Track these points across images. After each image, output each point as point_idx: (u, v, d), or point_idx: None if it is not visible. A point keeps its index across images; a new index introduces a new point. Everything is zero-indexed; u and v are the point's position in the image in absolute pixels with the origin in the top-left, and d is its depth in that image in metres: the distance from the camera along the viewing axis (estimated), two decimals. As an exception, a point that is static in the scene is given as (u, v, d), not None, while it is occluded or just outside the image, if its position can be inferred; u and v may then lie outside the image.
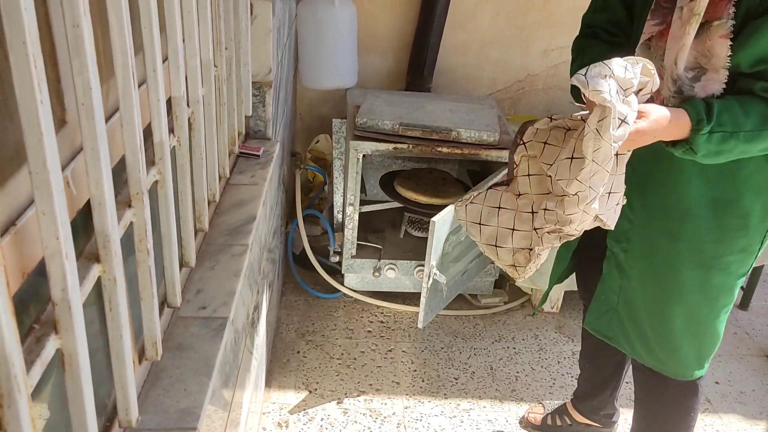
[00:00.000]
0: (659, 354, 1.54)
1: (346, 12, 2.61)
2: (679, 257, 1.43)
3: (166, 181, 0.98)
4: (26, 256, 0.66)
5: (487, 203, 1.41)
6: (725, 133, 1.20)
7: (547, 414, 2.06)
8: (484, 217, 1.41)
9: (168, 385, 1.03)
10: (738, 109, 1.20)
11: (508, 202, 1.38)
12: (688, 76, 1.26)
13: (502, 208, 1.38)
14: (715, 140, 1.21)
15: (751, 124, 1.19)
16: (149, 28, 0.87)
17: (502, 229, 1.38)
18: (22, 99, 0.54)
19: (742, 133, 1.20)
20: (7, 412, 0.54)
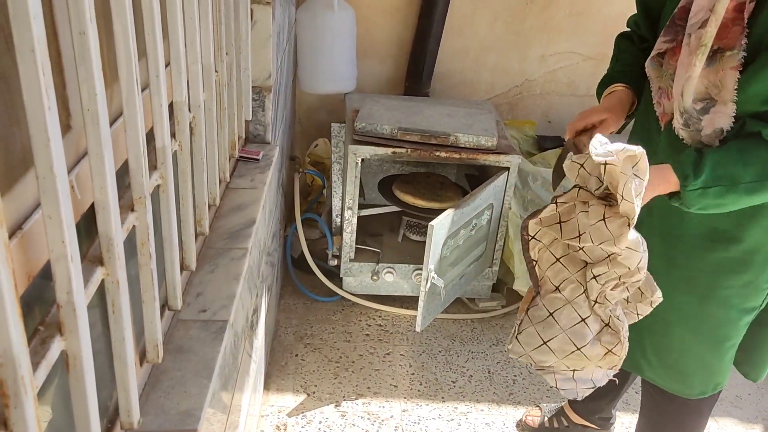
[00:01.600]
0: (659, 370, 1.54)
1: (345, 17, 2.62)
2: (672, 281, 1.40)
3: (168, 185, 0.99)
4: (32, 259, 0.67)
5: (535, 321, 1.27)
6: (722, 187, 1.13)
7: (545, 417, 2.07)
8: (544, 334, 1.25)
9: (168, 387, 1.04)
10: (737, 158, 1.12)
11: (552, 302, 1.25)
12: (696, 107, 1.20)
13: (554, 312, 1.25)
14: (712, 195, 1.15)
15: (751, 174, 1.11)
16: (152, 34, 0.88)
17: (571, 329, 1.23)
18: (30, 105, 0.55)
19: (741, 185, 1.13)
20: (13, 412, 0.55)
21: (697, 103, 1.20)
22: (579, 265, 1.24)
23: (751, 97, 1.12)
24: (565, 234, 1.20)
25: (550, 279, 1.26)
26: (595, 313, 1.23)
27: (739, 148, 1.14)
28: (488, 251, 2.42)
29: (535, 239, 1.26)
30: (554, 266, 1.25)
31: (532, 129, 2.94)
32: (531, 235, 1.27)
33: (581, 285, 1.23)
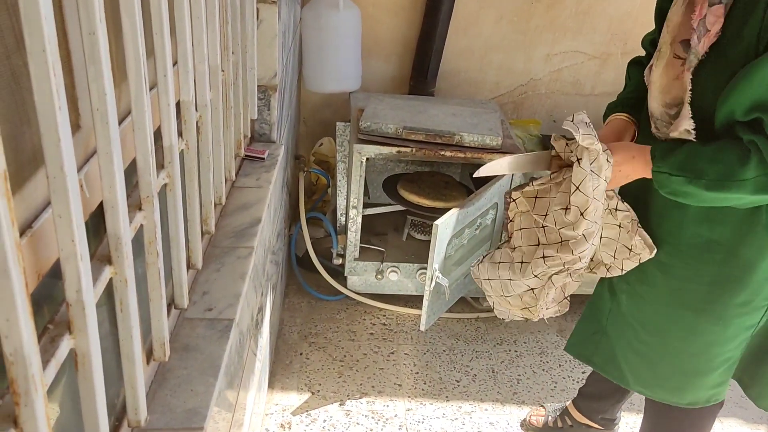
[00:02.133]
0: (648, 381, 1.53)
1: (350, 16, 2.62)
2: (668, 292, 1.39)
3: (175, 184, 0.99)
4: (41, 258, 0.67)
5: (491, 260, 1.54)
6: (685, 177, 1.18)
7: (549, 416, 2.07)
8: (490, 273, 1.54)
9: (175, 385, 1.04)
10: (710, 155, 1.16)
11: (504, 256, 1.52)
12: (669, 112, 1.27)
13: (501, 262, 1.52)
14: (675, 182, 1.20)
15: (714, 173, 1.15)
16: (160, 33, 0.89)
17: (503, 281, 1.51)
18: (41, 105, 0.56)
19: (703, 180, 1.16)
20: (24, 410, 0.55)
21: (671, 108, 1.26)
22: (533, 241, 1.46)
23: (735, 108, 1.13)
24: (536, 209, 1.41)
25: (513, 238, 1.50)
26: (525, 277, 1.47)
27: (717, 147, 1.17)
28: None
29: (514, 202, 1.46)
30: (518, 232, 1.48)
31: (537, 128, 2.94)
32: (512, 199, 1.46)
33: (527, 257, 1.47)
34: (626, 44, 3.02)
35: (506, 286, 1.51)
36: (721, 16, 1.15)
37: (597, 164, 1.26)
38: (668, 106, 1.27)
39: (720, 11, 1.15)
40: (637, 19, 2.97)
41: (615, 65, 3.06)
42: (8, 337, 0.52)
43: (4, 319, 0.51)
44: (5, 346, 0.52)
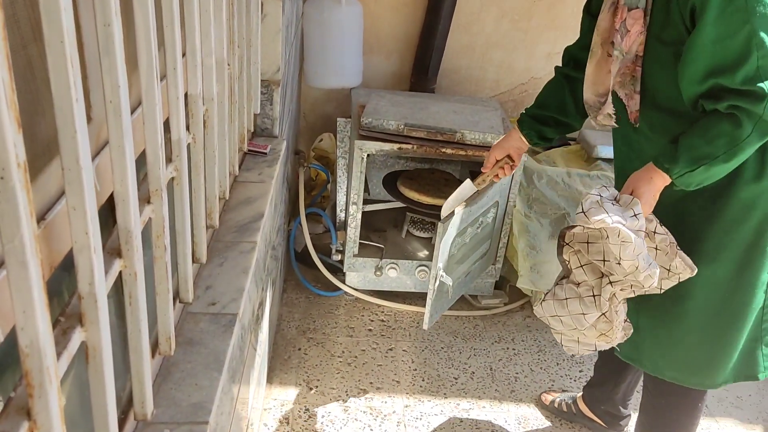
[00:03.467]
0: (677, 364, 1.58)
1: (352, 12, 2.62)
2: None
3: (182, 177, 0.99)
4: (53, 250, 0.67)
5: (555, 298, 1.58)
6: (704, 166, 1.30)
7: (558, 399, 2.12)
8: (558, 310, 1.58)
9: (179, 379, 1.04)
10: (702, 138, 1.29)
11: (569, 292, 1.56)
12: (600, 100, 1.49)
13: (568, 298, 1.56)
14: (698, 173, 1.32)
15: (722, 147, 1.27)
16: (171, 27, 0.88)
17: (575, 316, 1.55)
18: (57, 97, 0.55)
19: (719, 157, 1.28)
20: (37, 402, 0.55)
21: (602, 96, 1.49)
22: (598, 273, 1.50)
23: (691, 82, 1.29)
24: (591, 254, 1.46)
25: (575, 275, 1.53)
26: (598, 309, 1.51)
27: (705, 128, 1.29)
28: (492, 249, 2.43)
29: (568, 245, 1.51)
30: (578, 269, 1.52)
31: (536, 127, 2.94)
32: (566, 242, 1.50)
33: (593, 289, 1.51)
34: (627, 44, 3.02)
35: (579, 320, 1.55)
36: (639, 18, 1.34)
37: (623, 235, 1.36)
38: (600, 95, 1.48)
39: (638, 14, 1.34)
40: (638, 19, 2.97)
41: (615, 65, 3.06)
42: (24, 328, 0.52)
43: (20, 310, 0.51)
44: (21, 338, 0.52)
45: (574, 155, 2.69)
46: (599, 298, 1.51)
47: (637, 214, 1.40)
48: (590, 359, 2.39)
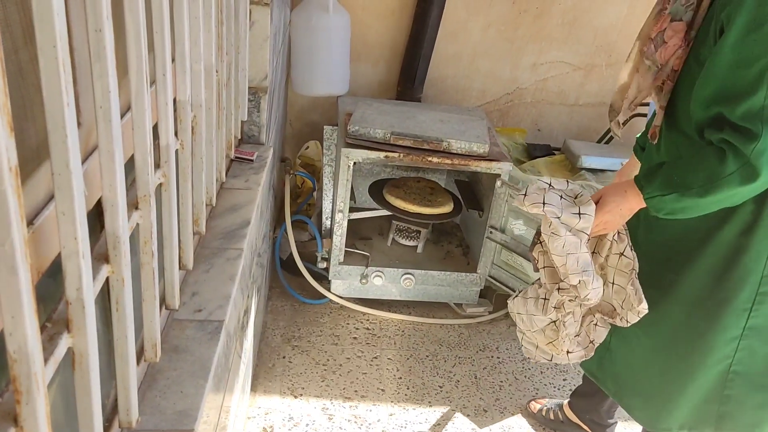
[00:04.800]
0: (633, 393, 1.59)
1: (339, 20, 2.63)
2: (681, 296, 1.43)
3: (170, 183, 0.99)
4: (41, 256, 0.66)
5: (523, 296, 1.63)
6: (677, 193, 1.24)
7: (545, 407, 2.12)
8: (520, 307, 1.62)
9: (165, 386, 1.03)
10: (689, 166, 1.24)
11: (532, 291, 1.59)
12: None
13: (530, 297, 1.59)
14: (669, 200, 1.26)
15: (700, 179, 1.20)
16: (161, 32, 0.88)
17: (529, 315, 1.59)
18: (49, 101, 0.55)
19: (693, 189, 1.22)
20: (24, 408, 0.55)
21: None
22: (555, 279, 1.51)
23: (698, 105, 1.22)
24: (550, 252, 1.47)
25: (540, 275, 1.56)
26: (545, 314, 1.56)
27: (693, 156, 1.24)
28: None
29: (540, 243, 1.51)
30: (542, 270, 1.55)
31: (522, 137, 2.97)
32: (539, 240, 1.50)
33: (546, 293, 1.55)
34: (611, 56, 3.06)
35: (532, 321, 1.58)
36: (680, 31, 1.25)
37: (553, 227, 1.38)
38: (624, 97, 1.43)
39: (680, 27, 1.24)
40: (621, 32, 3.02)
41: (599, 77, 3.10)
42: (12, 334, 0.52)
43: (9, 316, 0.51)
44: (9, 343, 0.52)
45: (559, 165, 2.71)
46: (547, 302, 1.53)
47: (582, 213, 1.37)
48: (574, 368, 2.41)
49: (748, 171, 1.15)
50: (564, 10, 2.94)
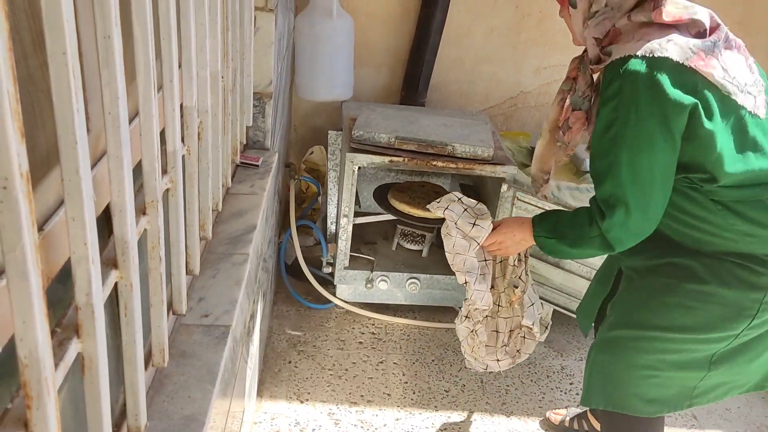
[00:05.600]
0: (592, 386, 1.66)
1: (343, 26, 2.63)
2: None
3: (177, 189, 0.99)
4: (51, 261, 0.67)
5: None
6: (555, 240, 1.49)
7: (567, 417, 2.10)
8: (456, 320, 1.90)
9: (172, 391, 1.03)
10: (570, 220, 1.46)
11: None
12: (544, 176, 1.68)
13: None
14: (550, 244, 1.50)
15: (573, 235, 1.45)
16: (168, 39, 0.89)
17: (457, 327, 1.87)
18: (59, 107, 0.56)
19: (567, 240, 1.46)
20: (35, 413, 0.55)
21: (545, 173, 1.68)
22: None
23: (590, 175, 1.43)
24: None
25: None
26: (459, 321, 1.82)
27: (575, 212, 1.47)
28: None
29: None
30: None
31: (526, 140, 2.97)
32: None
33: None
34: (615, 59, 3.06)
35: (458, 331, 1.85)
36: (581, 118, 1.48)
37: (446, 229, 1.70)
38: (543, 172, 1.65)
39: (580, 115, 1.48)
40: (625, 35, 3.01)
41: (603, 80, 3.10)
42: (23, 339, 0.52)
43: (20, 321, 0.51)
44: (20, 348, 0.52)
45: (564, 168, 2.71)
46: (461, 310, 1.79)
47: (476, 224, 1.64)
48: (581, 372, 2.40)
49: (603, 241, 1.39)
50: (567, 14, 2.94)
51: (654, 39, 1.28)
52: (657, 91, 1.26)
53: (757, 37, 3.10)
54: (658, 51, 1.27)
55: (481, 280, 1.71)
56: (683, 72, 1.26)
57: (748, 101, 1.30)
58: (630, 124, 1.29)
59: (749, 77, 1.32)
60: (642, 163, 1.31)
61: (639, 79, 1.27)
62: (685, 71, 1.26)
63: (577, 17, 1.41)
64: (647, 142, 1.29)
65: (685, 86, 1.26)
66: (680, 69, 1.26)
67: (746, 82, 1.31)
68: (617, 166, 1.32)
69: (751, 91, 1.31)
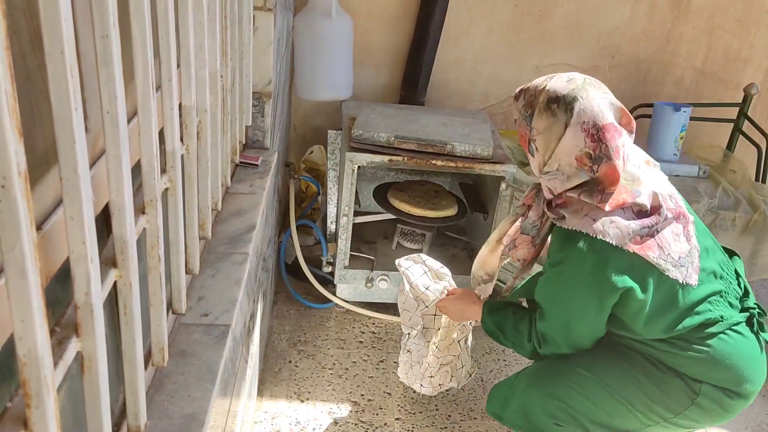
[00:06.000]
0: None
1: (342, 25, 2.64)
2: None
3: (176, 188, 0.99)
4: (50, 260, 0.67)
5: None
6: (498, 335, 1.70)
7: None
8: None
9: (172, 391, 1.03)
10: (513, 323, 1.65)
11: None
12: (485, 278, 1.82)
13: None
14: (491, 333, 1.71)
15: (512, 338, 1.66)
16: (166, 38, 0.89)
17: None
18: (57, 106, 0.56)
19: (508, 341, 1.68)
20: (35, 412, 0.55)
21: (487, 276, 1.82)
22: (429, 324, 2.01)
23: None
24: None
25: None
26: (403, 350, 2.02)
27: (521, 318, 1.65)
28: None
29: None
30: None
31: (525, 139, 2.97)
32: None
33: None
34: (614, 58, 3.06)
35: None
36: (526, 241, 1.63)
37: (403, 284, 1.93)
38: (486, 273, 1.79)
39: (527, 239, 1.63)
40: (624, 34, 3.02)
41: (603, 78, 3.09)
42: (22, 338, 0.52)
43: (19, 320, 0.51)
44: (19, 347, 0.52)
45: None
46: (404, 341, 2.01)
47: (428, 288, 1.88)
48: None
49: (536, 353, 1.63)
50: (566, 13, 2.94)
51: (599, 219, 1.41)
52: (596, 271, 1.40)
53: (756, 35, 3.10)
54: (601, 234, 1.39)
55: (421, 335, 1.91)
56: (622, 254, 1.39)
57: (681, 273, 1.42)
58: (569, 291, 1.47)
59: (684, 247, 1.44)
60: (573, 323, 1.51)
61: (582, 258, 1.42)
62: (624, 254, 1.39)
63: (533, 163, 1.52)
64: (580, 308, 1.48)
65: (623, 267, 1.40)
66: (619, 252, 1.39)
67: (680, 254, 1.43)
68: (553, 316, 1.53)
69: (684, 262, 1.43)
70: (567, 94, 1.41)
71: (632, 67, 3.08)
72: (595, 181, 1.42)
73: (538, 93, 1.45)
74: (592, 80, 1.46)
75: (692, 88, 3.17)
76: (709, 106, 2.92)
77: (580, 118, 1.39)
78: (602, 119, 1.39)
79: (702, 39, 3.07)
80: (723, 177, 2.69)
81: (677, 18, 3.01)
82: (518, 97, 1.52)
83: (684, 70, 3.13)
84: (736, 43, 3.09)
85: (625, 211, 1.42)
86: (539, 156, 1.47)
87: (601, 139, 1.39)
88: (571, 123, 1.40)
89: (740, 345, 1.49)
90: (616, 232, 1.39)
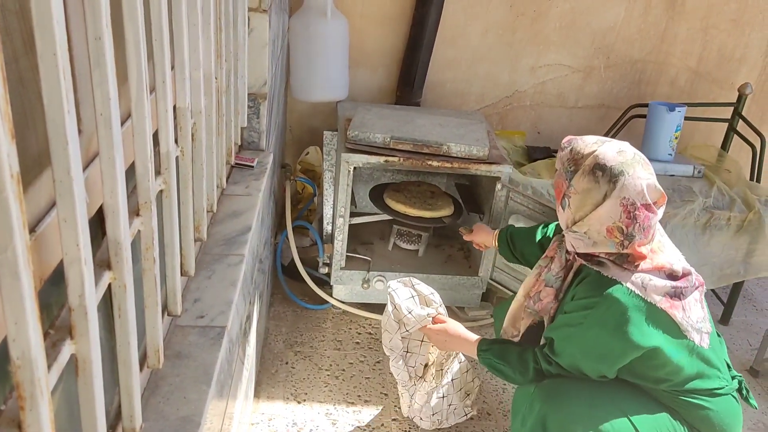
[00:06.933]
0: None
1: (338, 26, 2.64)
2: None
3: (171, 190, 0.99)
4: (44, 262, 0.67)
5: None
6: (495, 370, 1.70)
7: None
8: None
9: (168, 392, 1.03)
10: (515, 359, 1.65)
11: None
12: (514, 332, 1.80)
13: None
14: (487, 367, 1.73)
15: (510, 372, 1.67)
16: (160, 40, 0.89)
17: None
18: (49, 108, 0.56)
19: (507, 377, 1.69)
20: (29, 414, 0.55)
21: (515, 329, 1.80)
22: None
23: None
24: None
25: None
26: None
27: (523, 349, 1.66)
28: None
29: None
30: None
31: (521, 139, 2.97)
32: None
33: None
34: (609, 58, 3.07)
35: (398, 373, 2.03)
36: (550, 294, 1.65)
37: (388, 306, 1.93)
38: (515, 329, 1.78)
39: (551, 291, 1.65)
40: (619, 34, 3.02)
41: (598, 79, 3.11)
42: (16, 340, 0.52)
43: (12, 322, 0.51)
44: (12, 349, 0.52)
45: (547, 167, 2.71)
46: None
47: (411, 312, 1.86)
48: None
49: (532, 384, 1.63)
50: (561, 13, 2.95)
51: (636, 274, 1.46)
52: (624, 323, 1.43)
53: (750, 35, 3.11)
54: (639, 288, 1.45)
55: (401, 359, 1.93)
56: (654, 311, 1.44)
57: (696, 337, 1.49)
58: (591, 335, 1.48)
59: (701, 313, 1.52)
60: (584, 365, 1.54)
61: (614, 307, 1.44)
62: (655, 311, 1.44)
63: (561, 216, 1.56)
64: (598, 355, 1.50)
65: (653, 324, 1.44)
66: (652, 309, 1.44)
67: (698, 319, 1.50)
68: (566, 354, 1.55)
69: (701, 327, 1.51)
70: (615, 165, 1.43)
71: (627, 67, 3.09)
72: (624, 255, 1.49)
73: (587, 155, 1.47)
74: (642, 157, 1.48)
75: (687, 88, 3.18)
76: (703, 106, 2.92)
77: (622, 193, 1.42)
78: (643, 200, 1.43)
79: (696, 39, 3.08)
80: (718, 176, 2.70)
81: (672, 18, 3.02)
82: (564, 149, 1.54)
83: (679, 69, 3.14)
84: (730, 42, 3.10)
85: (659, 272, 1.48)
86: (569, 212, 1.51)
87: (637, 218, 1.43)
88: (612, 195, 1.43)
89: (736, 409, 1.60)
90: (652, 289, 1.45)
